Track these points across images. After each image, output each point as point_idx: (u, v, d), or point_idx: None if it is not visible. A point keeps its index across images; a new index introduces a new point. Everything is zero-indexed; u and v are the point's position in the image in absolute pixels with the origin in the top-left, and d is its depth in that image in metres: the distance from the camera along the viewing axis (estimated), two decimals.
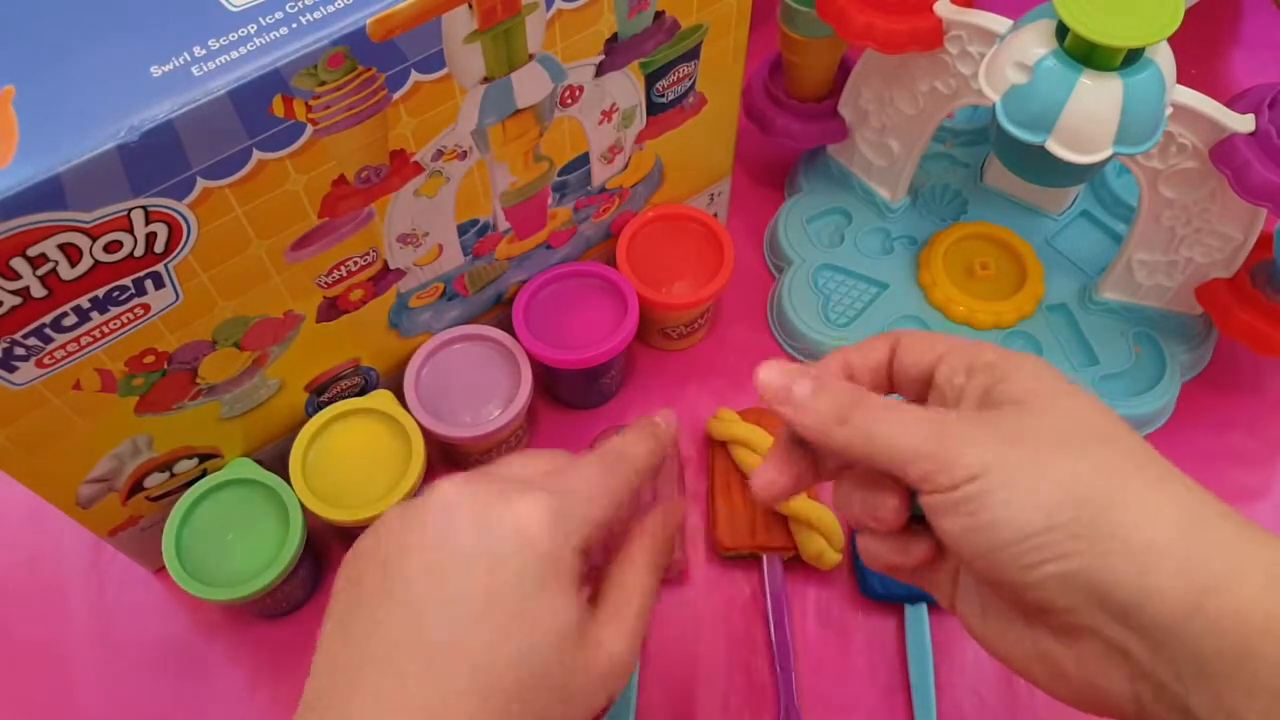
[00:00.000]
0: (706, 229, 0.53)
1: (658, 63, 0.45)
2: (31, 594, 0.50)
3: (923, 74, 0.51)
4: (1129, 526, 0.27)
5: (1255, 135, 0.43)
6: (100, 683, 0.48)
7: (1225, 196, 0.46)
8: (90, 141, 0.30)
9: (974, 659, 0.47)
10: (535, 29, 0.38)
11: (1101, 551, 0.27)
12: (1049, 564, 0.27)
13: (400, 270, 0.44)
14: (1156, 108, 0.41)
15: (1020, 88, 0.42)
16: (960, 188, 0.60)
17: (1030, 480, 0.28)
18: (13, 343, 0.34)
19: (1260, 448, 0.54)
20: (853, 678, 0.47)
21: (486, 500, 0.31)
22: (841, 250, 0.58)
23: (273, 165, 0.35)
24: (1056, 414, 0.29)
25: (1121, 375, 0.53)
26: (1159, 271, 0.52)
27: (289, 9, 0.33)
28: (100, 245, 0.33)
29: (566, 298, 0.52)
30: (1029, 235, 0.57)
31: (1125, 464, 0.28)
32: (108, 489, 0.43)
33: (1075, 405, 0.30)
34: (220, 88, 0.31)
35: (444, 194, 0.42)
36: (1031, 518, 0.27)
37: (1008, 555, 0.28)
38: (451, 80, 0.37)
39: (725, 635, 0.48)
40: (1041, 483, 0.28)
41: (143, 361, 0.38)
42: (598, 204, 0.50)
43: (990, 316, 0.55)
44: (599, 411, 0.55)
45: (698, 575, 0.50)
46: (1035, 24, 0.42)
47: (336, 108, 0.35)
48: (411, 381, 0.48)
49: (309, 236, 0.39)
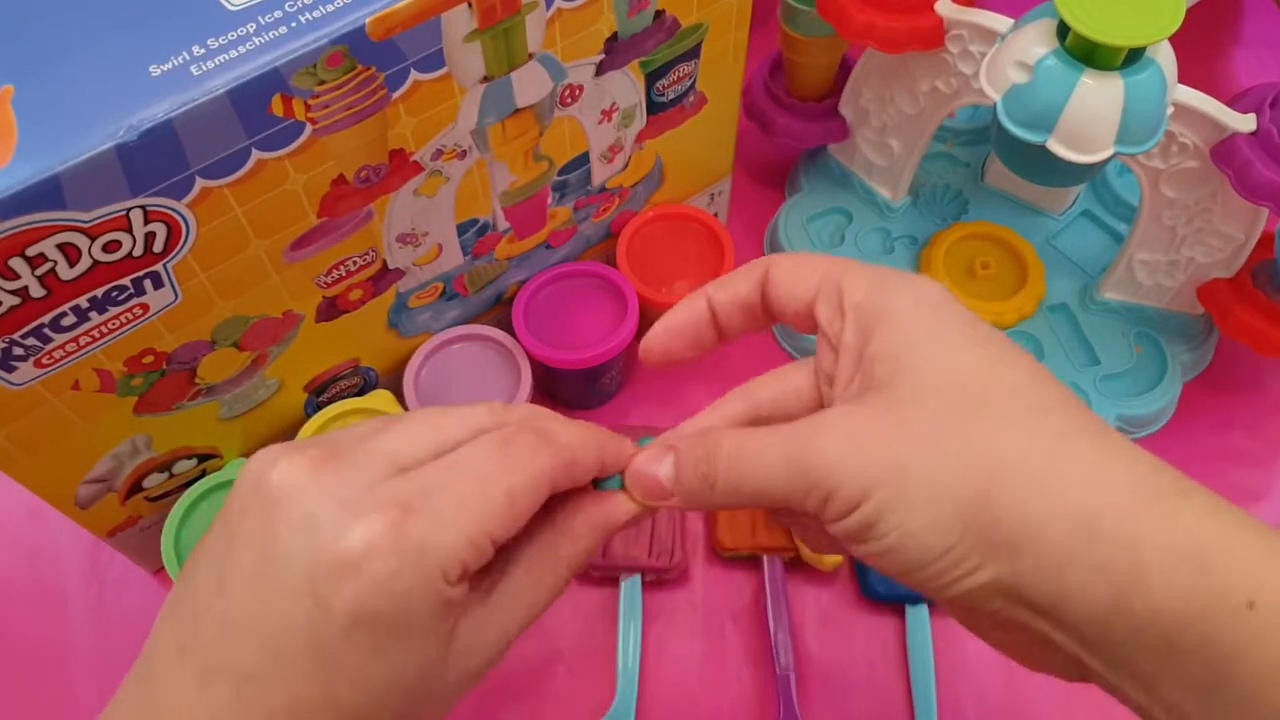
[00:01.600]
0: (706, 229, 0.53)
1: (658, 62, 0.45)
2: (31, 594, 0.50)
3: (923, 73, 0.51)
4: (1037, 521, 0.24)
5: (1256, 135, 0.43)
6: (100, 683, 0.47)
7: (1226, 196, 0.46)
8: (89, 141, 0.30)
9: (974, 659, 0.47)
10: (535, 28, 0.38)
11: (1008, 558, 0.24)
12: (965, 580, 0.25)
13: (400, 270, 0.44)
14: (1158, 107, 0.41)
15: (1021, 87, 0.42)
16: (961, 187, 0.60)
17: (921, 492, 0.25)
18: (11, 343, 0.34)
19: (1261, 448, 0.54)
20: (853, 678, 0.47)
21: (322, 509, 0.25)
22: (842, 250, 0.58)
23: (272, 165, 0.35)
24: (936, 385, 0.26)
25: (1122, 375, 0.53)
26: (1160, 271, 0.52)
27: (288, 8, 0.33)
28: (99, 245, 0.33)
29: (566, 298, 0.52)
30: (1030, 235, 0.57)
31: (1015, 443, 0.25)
32: (107, 489, 0.43)
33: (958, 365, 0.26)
34: (219, 87, 0.31)
35: (443, 194, 0.42)
36: (932, 538, 0.25)
37: (921, 577, 0.26)
38: (451, 79, 0.37)
39: (725, 635, 0.48)
40: (934, 493, 0.25)
41: (142, 361, 0.38)
42: (598, 204, 0.50)
43: (991, 316, 0.55)
44: (599, 411, 0.55)
45: (698, 575, 0.50)
46: (1036, 23, 0.42)
47: (336, 107, 0.35)
48: (411, 381, 0.48)
49: (308, 236, 0.39)
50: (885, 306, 0.27)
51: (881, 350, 0.26)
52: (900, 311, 0.27)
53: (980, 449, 0.25)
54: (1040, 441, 0.25)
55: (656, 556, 0.48)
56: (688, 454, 0.28)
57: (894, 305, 0.27)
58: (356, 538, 0.25)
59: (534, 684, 0.47)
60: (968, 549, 0.25)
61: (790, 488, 0.26)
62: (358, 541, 0.25)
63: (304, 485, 0.26)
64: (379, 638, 0.25)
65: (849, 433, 0.26)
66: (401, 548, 0.25)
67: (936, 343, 0.26)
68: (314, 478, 0.26)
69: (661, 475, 0.29)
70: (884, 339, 0.27)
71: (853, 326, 0.27)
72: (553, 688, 0.47)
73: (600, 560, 0.48)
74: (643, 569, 0.48)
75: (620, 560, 0.48)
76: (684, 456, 0.28)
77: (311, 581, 0.25)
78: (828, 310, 0.28)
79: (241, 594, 0.26)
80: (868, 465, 0.25)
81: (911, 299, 0.27)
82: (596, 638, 0.48)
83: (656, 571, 0.48)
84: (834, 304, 0.28)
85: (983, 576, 0.25)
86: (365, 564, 0.25)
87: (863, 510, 0.25)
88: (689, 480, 0.28)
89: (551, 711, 0.46)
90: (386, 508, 0.25)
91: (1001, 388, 0.26)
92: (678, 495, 0.29)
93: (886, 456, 0.25)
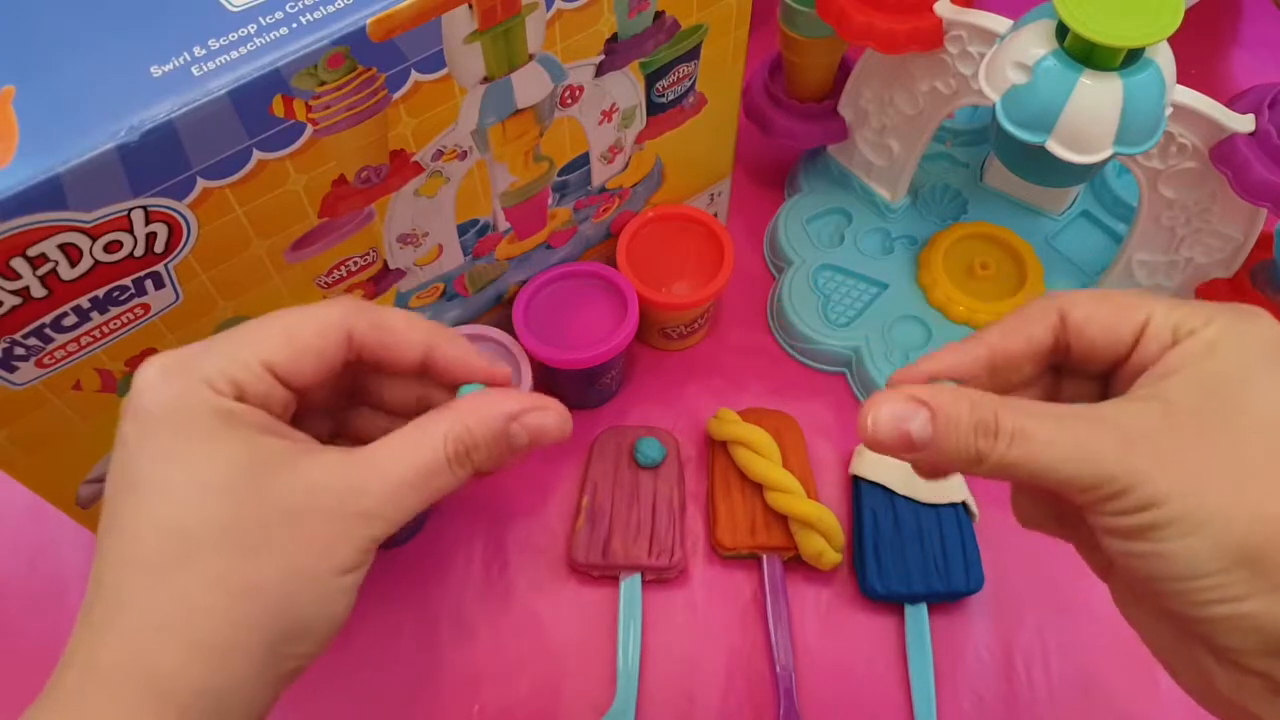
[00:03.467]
0: (706, 229, 0.53)
1: (658, 63, 0.45)
2: (32, 594, 0.50)
3: (923, 74, 0.51)
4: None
5: (1255, 135, 0.43)
6: None
7: (1225, 196, 0.46)
8: (90, 141, 0.30)
9: (974, 659, 0.47)
10: (535, 29, 0.38)
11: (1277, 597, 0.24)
12: (1220, 605, 0.25)
13: (400, 270, 0.44)
14: (1156, 108, 0.41)
15: (1020, 88, 0.42)
16: (960, 188, 0.60)
17: (1214, 516, 0.24)
18: (13, 343, 0.34)
19: None
20: (853, 678, 0.47)
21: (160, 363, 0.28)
22: (841, 250, 0.58)
23: (273, 165, 0.35)
24: (1255, 424, 0.25)
25: None
26: (1159, 272, 0.52)
27: (289, 9, 0.33)
28: (100, 245, 0.33)
29: (566, 298, 0.52)
30: (1029, 235, 0.57)
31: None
32: None
33: (1271, 407, 0.25)
34: (220, 88, 0.31)
35: (444, 194, 0.42)
36: (1208, 559, 0.24)
37: (1174, 588, 0.25)
38: (451, 80, 0.37)
39: (725, 635, 0.48)
40: (1226, 520, 0.24)
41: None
42: (598, 204, 0.50)
43: (990, 317, 0.55)
44: (599, 411, 0.55)
45: (698, 575, 0.50)
46: (1035, 24, 0.42)
47: (336, 108, 0.35)
48: None
49: (309, 236, 0.39)
50: (1218, 338, 0.26)
51: (1207, 377, 0.26)
52: (1236, 343, 0.26)
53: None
54: None
55: (656, 556, 0.48)
56: (952, 416, 0.27)
57: (1228, 336, 0.26)
58: (144, 373, 0.27)
59: (534, 683, 0.47)
60: (1237, 577, 0.24)
61: (1075, 477, 0.25)
62: (145, 372, 0.27)
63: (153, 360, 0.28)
64: (165, 441, 0.26)
65: (1151, 443, 0.25)
66: (172, 370, 0.27)
67: (1267, 380, 0.26)
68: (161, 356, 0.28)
69: (914, 431, 0.27)
70: (1214, 367, 0.26)
71: (1178, 354, 0.27)
72: (553, 687, 0.47)
73: (600, 560, 0.48)
74: (643, 569, 0.48)
75: (620, 560, 0.48)
76: (946, 418, 0.27)
77: (121, 420, 0.27)
78: (1157, 345, 0.27)
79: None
80: (1167, 475, 0.25)
81: (1252, 333, 0.26)
82: (596, 638, 0.48)
83: (656, 571, 0.49)
84: (1165, 340, 0.27)
85: (1244, 607, 0.25)
86: (145, 389, 0.27)
87: (1152, 513, 0.25)
88: (954, 446, 0.27)
89: (551, 711, 0.47)
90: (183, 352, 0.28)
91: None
92: (929, 454, 0.27)
93: (1186, 473, 0.25)
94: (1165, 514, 0.25)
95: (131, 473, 0.26)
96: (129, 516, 0.26)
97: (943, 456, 0.27)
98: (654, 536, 0.49)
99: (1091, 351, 0.28)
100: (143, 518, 0.26)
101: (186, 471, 0.26)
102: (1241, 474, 0.25)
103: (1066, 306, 0.28)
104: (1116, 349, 0.28)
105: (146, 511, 0.26)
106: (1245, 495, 0.25)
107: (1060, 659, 0.47)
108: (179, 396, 0.27)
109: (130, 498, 0.26)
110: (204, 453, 0.26)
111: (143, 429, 0.27)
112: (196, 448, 0.26)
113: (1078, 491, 0.26)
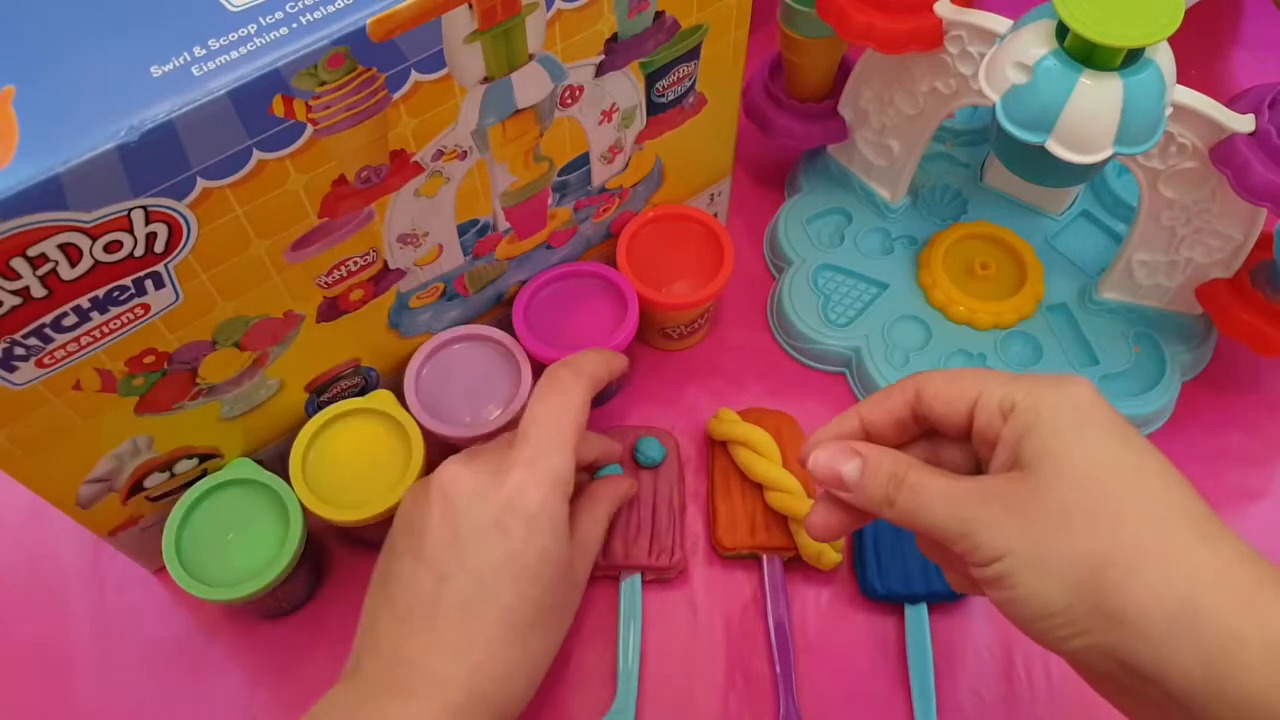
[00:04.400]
0: (706, 229, 0.53)
1: (658, 63, 0.45)
2: (31, 594, 0.50)
3: (923, 74, 0.51)
4: (1143, 602, 0.28)
5: (1255, 135, 0.43)
6: (100, 683, 0.48)
7: (1225, 196, 0.46)
8: (90, 141, 0.30)
9: (974, 659, 0.47)
10: (535, 29, 0.38)
11: (1117, 628, 0.29)
12: (1076, 638, 0.29)
13: (400, 270, 0.44)
14: (1156, 108, 0.41)
15: (1020, 88, 0.42)
16: (960, 188, 0.60)
17: (1048, 560, 0.29)
18: (13, 343, 0.34)
19: (1260, 448, 0.54)
20: (853, 678, 0.47)
21: (483, 477, 0.39)
22: (841, 250, 0.58)
23: (273, 165, 0.35)
24: (1073, 477, 0.30)
25: (1121, 375, 0.53)
26: (1159, 271, 0.52)
27: (289, 9, 0.33)
28: (100, 245, 0.33)
29: (566, 298, 0.52)
30: (1029, 235, 0.57)
31: (1131, 537, 0.29)
32: (108, 489, 0.43)
33: (1093, 461, 0.30)
34: (220, 88, 0.31)
35: (444, 194, 0.42)
36: (1052, 598, 0.29)
37: (1039, 628, 0.30)
38: (451, 80, 0.37)
39: (725, 635, 0.48)
40: (1059, 562, 0.29)
41: (143, 361, 0.38)
42: (598, 204, 0.50)
43: (990, 316, 0.55)
44: (599, 412, 0.55)
45: (698, 575, 0.50)
46: (1035, 24, 0.42)
47: (337, 108, 0.35)
48: (411, 381, 0.48)
49: (309, 236, 0.39)
50: (1039, 407, 0.32)
51: (1035, 443, 0.31)
52: (1052, 410, 0.31)
53: (1102, 539, 0.29)
54: (1154, 540, 0.29)
55: (656, 556, 0.48)
56: (876, 465, 0.34)
57: (1047, 405, 0.31)
58: (512, 482, 0.38)
59: None
60: (1079, 614, 0.29)
61: (948, 530, 0.32)
62: (514, 484, 0.38)
63: (463, 470, 0.39)
64: (544, 539, 0.38)
65: (1000, 501, 0.31)
66: (540, 481, 0.38)
67: (1079, 439, 0.31)
68: (467, 465, 0.39)
69: (845, 473, 0.34)
70: (1038, 434, 0.31)
71: (1011, 426, 0.32)
72: (553, 687, 0.47)
73: (600, 560, 0.48)
74: (643, 568, 0.48)
75: (620, 560, 0.48)
76: (873, 467, 0.34)
77: (496, 519, 0.38)
78: (986, 416, 0.33)
79: (440, 557, 0.38)
80: (1009, 530, 0.30)
81: (1065, 399, 0.32)
82: (596, 637, 0.48)
83: (656, 571, 0.49)
84: (993, 411, 0.33)
85: (1090, 640, 0.29)
86: (521, 495, 0.38)
87: (999, 564, 0.30)
88: (874, 490, 0.34)
89: (551, 711, 0.47)
90: (518, 465, 0.39)
91: (1129, 486, 0.30)
92: (855, 494, 0.34)
93: (1024, 527, 0.30)
94: (1008, 565, 0.30)
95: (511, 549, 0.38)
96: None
97: (864, 495, 0.34)
98: (654, 536, 0.49)
99: (941, 421, 0.34)
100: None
101: (550, 565, 0.39)
102: (1067, 522, 0.30)
103: (922, 384, 0.35)
104: (957, 420, 0.34)
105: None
106: (1073, 541, 0.29)
107: (1060, 659, 0.47)
108: (550, 503, 0.39)
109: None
110: (559, 545, 0.39)
111: (529, 528, 0.38)
112: (557, 541, 0.39)
113: (951, 542, 0.31)
